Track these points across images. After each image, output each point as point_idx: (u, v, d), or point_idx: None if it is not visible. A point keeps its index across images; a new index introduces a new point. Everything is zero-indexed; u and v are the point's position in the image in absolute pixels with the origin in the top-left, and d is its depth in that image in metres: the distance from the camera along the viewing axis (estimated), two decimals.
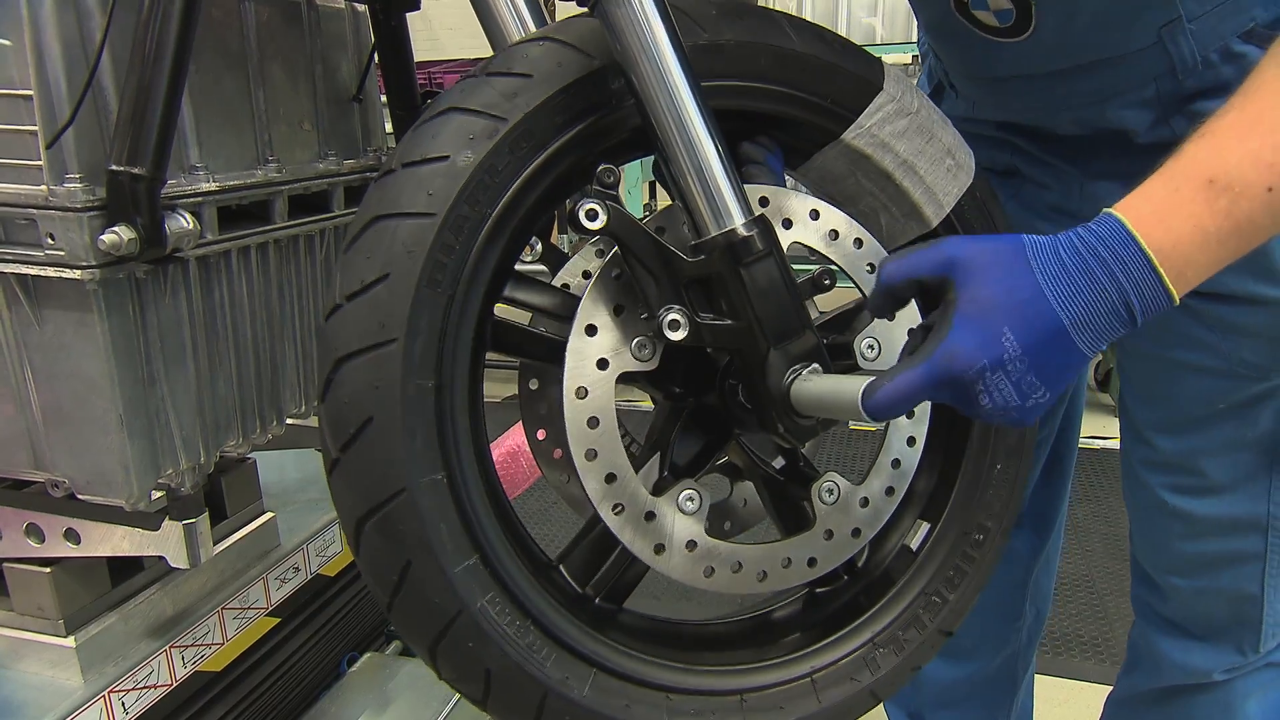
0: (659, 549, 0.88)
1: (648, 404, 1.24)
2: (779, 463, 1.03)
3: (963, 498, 1.07)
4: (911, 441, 0.99)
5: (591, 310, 0.86)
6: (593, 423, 0.85)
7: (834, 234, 0.95)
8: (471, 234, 0.81)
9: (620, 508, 0.86)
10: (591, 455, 0.85)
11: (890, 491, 0.98)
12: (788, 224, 0.93)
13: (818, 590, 1.07)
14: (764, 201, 0.91)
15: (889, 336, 0.94)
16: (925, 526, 1.08)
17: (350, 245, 0.80)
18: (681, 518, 0.88)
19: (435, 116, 0.82)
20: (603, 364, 0.86)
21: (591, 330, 0.86)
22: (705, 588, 0.90)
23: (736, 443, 1.01)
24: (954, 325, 0.73)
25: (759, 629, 1.06)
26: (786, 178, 1.02)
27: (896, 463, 0.99)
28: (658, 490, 0.89)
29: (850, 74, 0.96)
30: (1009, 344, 0.72)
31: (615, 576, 0.94)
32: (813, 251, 0.95)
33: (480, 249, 0.82)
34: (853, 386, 0.78)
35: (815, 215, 0.94)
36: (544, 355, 0.96)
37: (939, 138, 1.00)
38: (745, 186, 0.86)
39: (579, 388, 0.85)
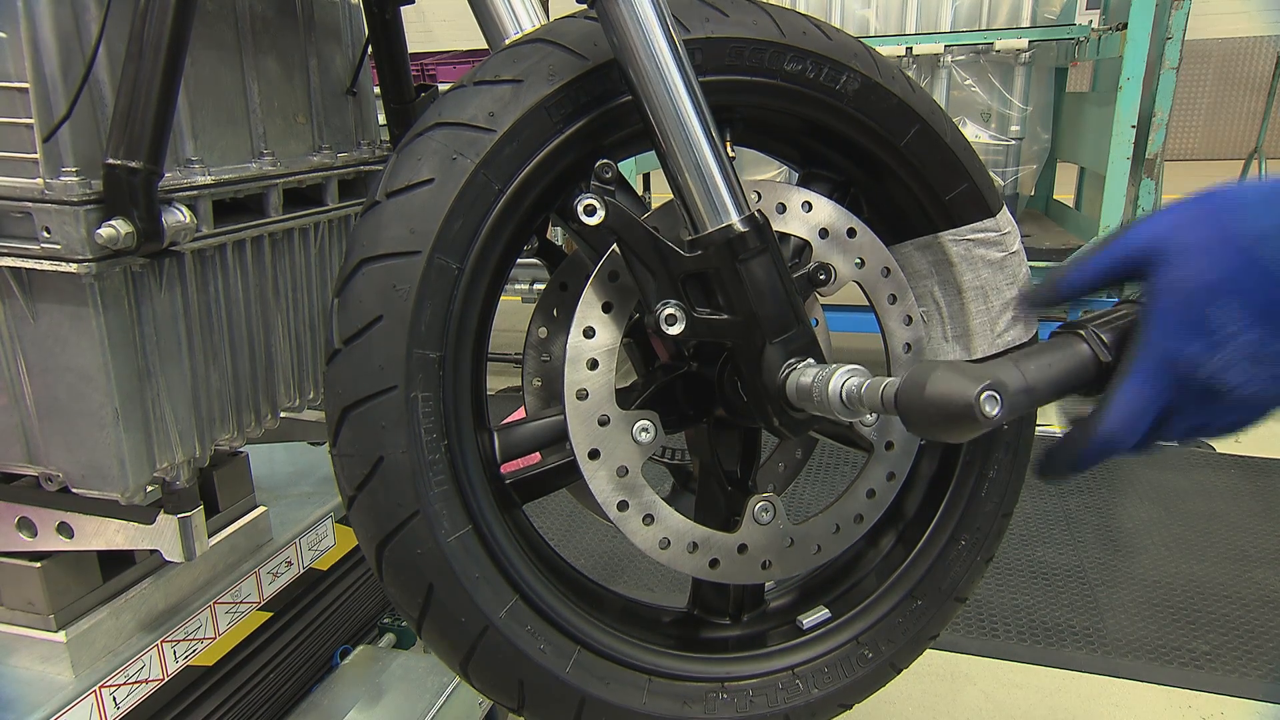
0: (594, 454, 0.87)
1: None
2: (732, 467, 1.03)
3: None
4: (861, 517, 1.00)
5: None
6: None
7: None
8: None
9: (585, 393, 0.87)
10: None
11: (818, 550, 0.97)
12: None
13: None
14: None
15: None
16: (824, 613, 1.06)
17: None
18: (628, 441, 0.88)
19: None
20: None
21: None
22: (612, 520, 0.89)
23: (707, 426, 1.01)
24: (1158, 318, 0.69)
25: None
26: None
27: (837, 528, 0.99)
28: (624, 404, 0.89)
29: (973, 186, 1.00)
30: (1230, 318, 0.66)
31: (540, 470, 0.94)
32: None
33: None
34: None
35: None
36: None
37: (1020, 287, 1.02)
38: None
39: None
